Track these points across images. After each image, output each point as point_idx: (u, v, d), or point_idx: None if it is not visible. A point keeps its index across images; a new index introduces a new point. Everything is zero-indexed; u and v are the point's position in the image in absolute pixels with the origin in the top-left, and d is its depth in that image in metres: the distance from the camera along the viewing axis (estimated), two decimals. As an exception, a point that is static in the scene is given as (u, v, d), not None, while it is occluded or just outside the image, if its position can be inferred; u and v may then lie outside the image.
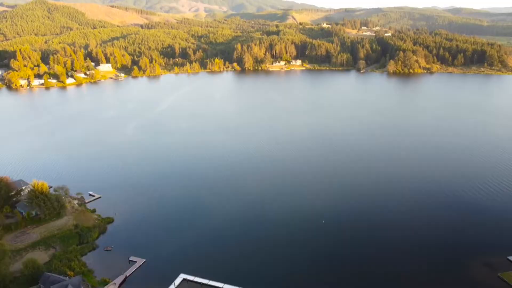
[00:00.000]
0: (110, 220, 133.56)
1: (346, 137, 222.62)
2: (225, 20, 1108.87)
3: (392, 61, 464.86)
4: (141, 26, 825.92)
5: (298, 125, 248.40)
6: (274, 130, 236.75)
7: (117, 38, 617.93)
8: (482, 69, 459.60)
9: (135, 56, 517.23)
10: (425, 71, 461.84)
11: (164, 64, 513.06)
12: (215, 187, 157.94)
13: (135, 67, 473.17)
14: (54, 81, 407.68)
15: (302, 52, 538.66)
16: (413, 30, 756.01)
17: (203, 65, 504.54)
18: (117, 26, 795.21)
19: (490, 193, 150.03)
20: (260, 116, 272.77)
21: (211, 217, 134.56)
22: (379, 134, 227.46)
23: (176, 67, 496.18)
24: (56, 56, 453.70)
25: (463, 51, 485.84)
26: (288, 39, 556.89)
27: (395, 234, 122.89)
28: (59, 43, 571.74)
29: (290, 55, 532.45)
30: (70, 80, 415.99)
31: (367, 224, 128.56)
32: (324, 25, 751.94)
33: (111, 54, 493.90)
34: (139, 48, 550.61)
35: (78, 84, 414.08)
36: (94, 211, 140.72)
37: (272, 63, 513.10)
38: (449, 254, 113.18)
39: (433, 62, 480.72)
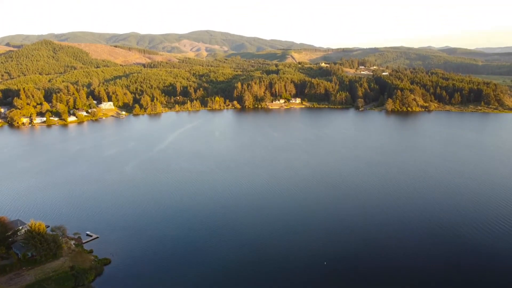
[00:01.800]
0: (107, 262, 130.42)
1: (346, 176, 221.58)
2: (226, 59, 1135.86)
3: (390, 100, 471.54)
4: (144, 65, 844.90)
5: (298, 164, 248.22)
6: (275, 169, 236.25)
7: (120, 77, 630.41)
8: (479, 107, 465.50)
9: (136, 94, 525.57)
10: (423, 110, 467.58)
11: (165, 102, 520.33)
12: (214, 228, 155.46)
13: (137, 105, 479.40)
14: (56, 119, 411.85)
15: (301, 90, 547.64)
16: (410, 69, 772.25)
17: (204, 103, 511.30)
18: (120, 65, 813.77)
19: (484, 231, 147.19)
20: (260, 154, 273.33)
21: (210, 258, 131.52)
22: (380, 173, 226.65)
23: (177, 105, 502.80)
24: (59, 95, 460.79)
25: (460, 90, 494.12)
26: (287, 78, 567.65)
27: (397, 275, 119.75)
28: (63, 81, 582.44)
29: (290, 94, 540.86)
30: (72, 118, 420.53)
31: (368, 266, 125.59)
32: (323, 64, 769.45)
33: (113, 93, 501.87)
34: (141, 86, 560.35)
35: (80, 122, 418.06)
36: (91, 251, 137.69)
37: (272, 101, 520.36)
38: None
39: (431, 101, 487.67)
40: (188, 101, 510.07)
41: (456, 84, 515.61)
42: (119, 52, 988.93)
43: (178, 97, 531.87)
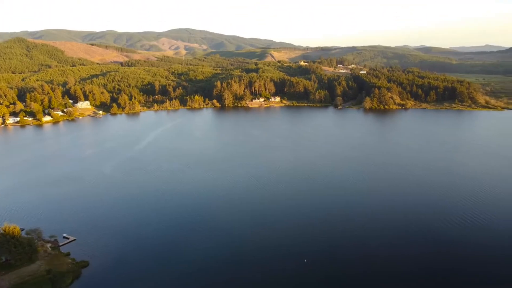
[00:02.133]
0: (85, 264, 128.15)
1: (326, 173, 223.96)
2: (205, 58, 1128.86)
3: (368, 98, 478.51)
4: (121, 64, 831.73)
5: (279, 161, 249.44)
6: (255, 167, 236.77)
7: (96, 76, 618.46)
8: (454, 105, 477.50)
9: (114, 93, 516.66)
10: (400, 107, 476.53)
11: (143, 101, 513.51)
12: (194, 227, 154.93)
13: (114, 105, 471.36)
14: (30, 118, 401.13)
15: (281, 89, 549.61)
16: (387, 68, 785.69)
17: (183, 102, 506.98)
18: (97, 63, 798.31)
19: (459, 225, 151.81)
20: (240, 152, 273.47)
21: (190, 258, 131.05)
22: (359, 170, 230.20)
23: (155, 104, 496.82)
24: (33, 94, 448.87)
25: (435, 88, 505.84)
26: (267, 77, 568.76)
27: (375, 269, 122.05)
28: (37, 80, 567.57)
29: (269, 92, 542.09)
30: (47, 118, 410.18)
31: (348, 262, 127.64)
32: (302, 63, 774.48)
33: (90, 92, 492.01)
34: (119, 85, 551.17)
35: (55, 122, 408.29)
36: (68, 254, 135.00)
37: (252, 100, 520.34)
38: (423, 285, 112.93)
39: (407, 99, 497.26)
40: (167, 100, 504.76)
41: (432, 82, 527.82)
42: (95, 50, 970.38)
43: (156, 96, 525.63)
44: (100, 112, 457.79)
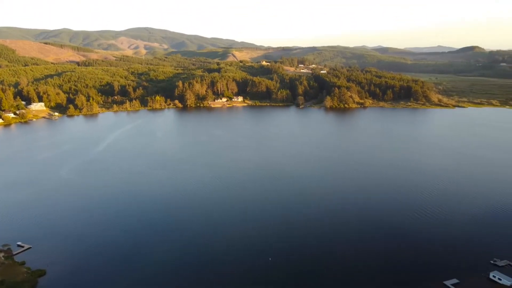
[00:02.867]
0: (41, 273, 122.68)
1: (289, 171, 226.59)
2: (166, 57, 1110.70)
3: (328, 97, 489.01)
4: (78, 63, 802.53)
5: (242, 161, 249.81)
6: (219, 167, 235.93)
7: (51, 76, 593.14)
8: (409, 103, 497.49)
9: (70, 94, 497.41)
10: (359, 106, 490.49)
11: (102, 102, 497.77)
12: (156, 229, 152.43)
13: (71, 106, 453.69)
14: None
15: (243, 88, 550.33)
16: (346, 67, 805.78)
17: (144, 103, 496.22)
18: (52, 63, 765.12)
19: (421, 219, 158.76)
20: (203, 153, 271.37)
21: (153, 261, 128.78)
22: (321, 167, 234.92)
23: (115, 105, 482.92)
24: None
25: (392, 87, 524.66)
26: (229, 76, 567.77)
27: (337, 266, 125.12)
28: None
29: (232, 92, 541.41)
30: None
31: (312, 259, 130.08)
32: (264, 63, 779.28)
33: (44, 93, 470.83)
34: (75, 85, 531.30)
35: (7, 125, 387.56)
36: (23, 263, 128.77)
37: (214, 100, 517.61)
38: (384, 280, 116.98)
39: (366, 98, 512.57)
40: (127, 100, 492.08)
41: (388, 81, 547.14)
42: (50, 49, 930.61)
43: (116, 97, 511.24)
44: (56, 113, 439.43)
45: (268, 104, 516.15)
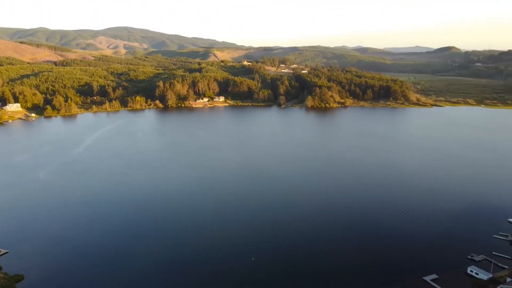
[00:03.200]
0: (19, 278, 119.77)
1: (271, 171, 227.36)
2: (146, 57, 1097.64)
3: (310, 97, 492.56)
4: (55, 63, 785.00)
5: (224, 161, 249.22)
6: (201, 167, 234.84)
7: (28, 76, 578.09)
8: (389, 102, 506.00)
9: (48, 94, 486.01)
10: (340, 106, 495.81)
11: (81, 103, 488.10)
12: (138, 230, 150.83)
13: (48, 107, 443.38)
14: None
15: (225, 88, 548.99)
16: (327, 67, 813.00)
17: (124, 103, 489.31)
18: (28, 63, 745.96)
19: (401, 217, 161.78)
20: (185, 153, 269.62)
21: (134, 263, 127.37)
22: (304, 166, 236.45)
23: (94, 106, 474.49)
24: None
25: (372, 87, 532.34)
26: (210, 76, 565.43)
27: (317, 262, 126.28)
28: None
29: (213, 92, 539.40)
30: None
31: (293, 259, 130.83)
32: (245, 63, 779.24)
33: (20, 93, 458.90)
34: (53, 86, 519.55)
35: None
36: (0, 268, 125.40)
37: (196, 100, 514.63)
38: (366, 278, 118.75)
39: (346, 97, 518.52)
40: (107, 101, 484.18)
41: (368, 81, 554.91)
42: (26, 49, 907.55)
43: (95, 97, 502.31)
44: (33, 114, 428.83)
45: (249, 104, 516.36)
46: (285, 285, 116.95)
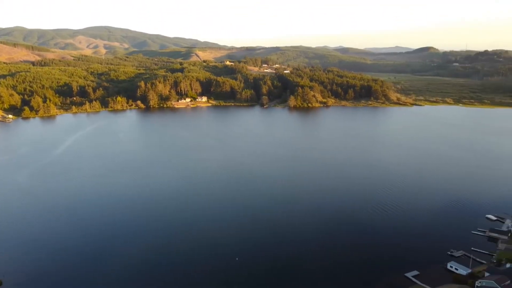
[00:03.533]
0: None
1: (255, 171, 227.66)
2: (127, 57, 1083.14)
3: (292, 97, 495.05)
4: (33, 63, 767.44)
5: (208, 161, 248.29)
6: (184, 168, 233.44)
7: (4, 76, 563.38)
8: (370, 102, 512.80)
9: (26, 95, 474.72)
10: (322, 105, 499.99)
11: (60, 104, 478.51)
12: (120, 231, 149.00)
13: (26, 108, 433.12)
14: None
15: (207, 88, 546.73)
16: (309, 67, 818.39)
17: (105, 104, 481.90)
18: (4, 63, 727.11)
19: (382, 215, 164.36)
20: (168, 154, 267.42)
21: (117, 265, 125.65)
22: (287, 166, 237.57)
23: (74, 107, 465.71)
24: None
25: (353, 87, 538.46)
26: (193, 76, 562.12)
27: (300, 261, 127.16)
28: None
29: (196, 92, 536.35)
30: None
31: (276, 258, 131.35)
32: (228, 63, 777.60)
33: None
34: (31, 86, 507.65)
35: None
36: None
37: (178, 100, 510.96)
38: (349, 276, 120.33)
39: (328, 97, 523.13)
40: (87, 101, 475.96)
41: (350, 81, 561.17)
42: (2, 48, 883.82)
43: (75, 98, 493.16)
44: (10, 116, 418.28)
45: (232, 104, 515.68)
46: (268, 284, 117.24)
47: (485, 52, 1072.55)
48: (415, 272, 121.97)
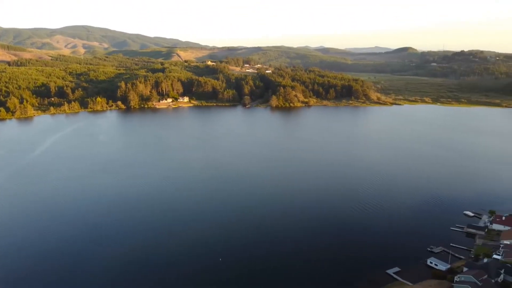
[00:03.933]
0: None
1: (238, 171, 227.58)
2: (107, 57, 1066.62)
3: (274, 96, 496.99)
4: (8, 63, 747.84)
5: (191, 161, 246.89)
6: (166, 169, 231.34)
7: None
8: (351, 101, 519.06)
9: (1, 96, 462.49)
10: (304, 105, 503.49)
11: (37, 105, 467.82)
12: (103, 233, 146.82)
13: (2, 109, 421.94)
14: None
15: (189, 89, 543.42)
16: (291, 67, 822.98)
17: (84, 105, 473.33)
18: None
19: (362, 213, 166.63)
20: (149, 155, 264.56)
21: (101, 266, 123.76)
22: (269, 166, 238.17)
23: (52, 108, 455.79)
24: None
25: (334, 86, 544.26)
26: (174, 76, 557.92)
27: (283, 261, 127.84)
28: None
29: (177, 92, 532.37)
30: None
31: (260, 258, 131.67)
32: (209, 63, 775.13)
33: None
34: (6, 87, 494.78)
35: None
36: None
37: (159, 101, 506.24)
38: (332, 274, 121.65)
39: (310, 97, 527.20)
40: (65, 102, 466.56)
41: (331, 81, 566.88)
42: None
43: (53, 99, 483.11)
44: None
45: (214, 104, 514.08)
46: (251, 284, 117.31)
47: (461, 53, 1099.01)
48: (396, 269, 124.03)
